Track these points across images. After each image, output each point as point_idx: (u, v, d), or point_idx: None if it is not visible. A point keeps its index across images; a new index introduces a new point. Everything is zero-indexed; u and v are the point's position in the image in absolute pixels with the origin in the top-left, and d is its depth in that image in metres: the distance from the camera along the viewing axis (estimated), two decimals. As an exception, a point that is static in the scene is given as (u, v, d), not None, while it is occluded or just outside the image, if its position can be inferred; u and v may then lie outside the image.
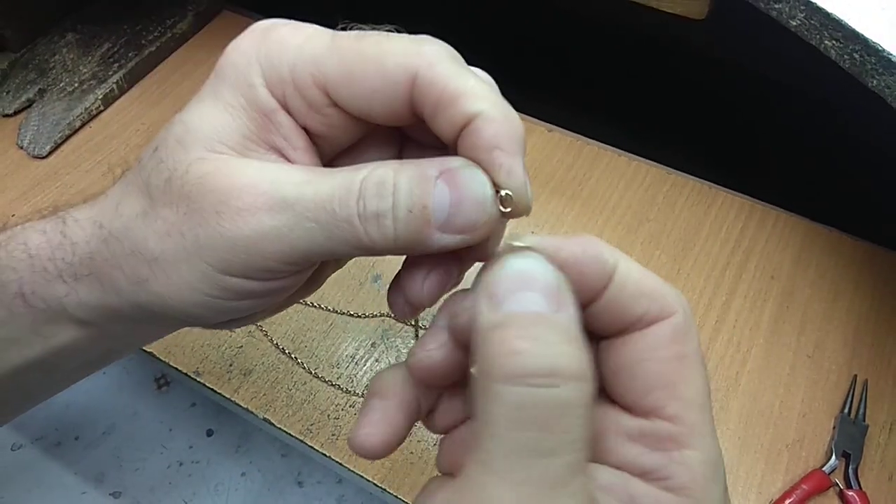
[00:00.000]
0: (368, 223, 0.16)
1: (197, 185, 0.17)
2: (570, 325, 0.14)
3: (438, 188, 0.16)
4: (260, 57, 0.17)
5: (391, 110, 0.17)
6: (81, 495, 0.52)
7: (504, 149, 0.16)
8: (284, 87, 0.17)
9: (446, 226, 0.16)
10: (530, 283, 0.15)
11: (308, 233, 0.16)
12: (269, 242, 0.16)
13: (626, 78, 0.61)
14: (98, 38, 0.57)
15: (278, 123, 0.18)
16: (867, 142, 0.49)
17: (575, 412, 0.13)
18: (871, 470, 0.37)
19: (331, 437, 0.38)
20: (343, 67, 0.17)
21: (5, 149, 0.51)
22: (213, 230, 0.16)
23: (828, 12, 0.33)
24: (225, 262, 0.17)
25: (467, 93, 0.16)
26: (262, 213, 0.16)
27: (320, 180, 0.16)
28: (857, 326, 0.42)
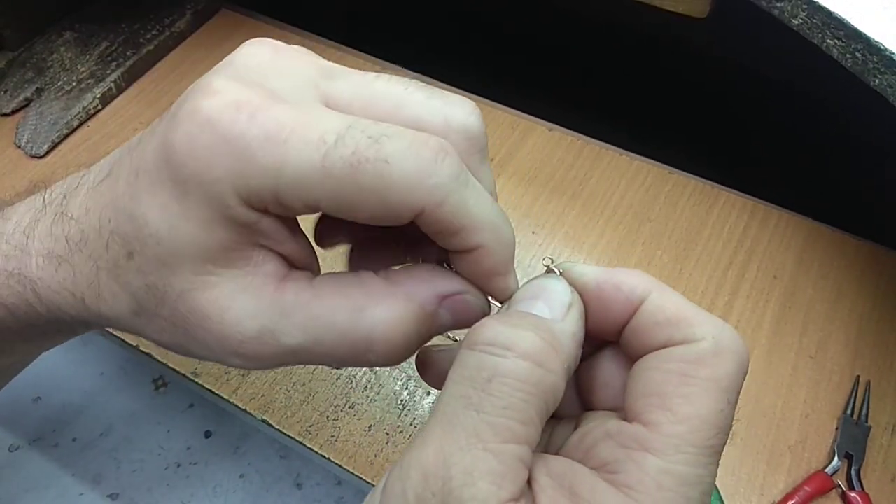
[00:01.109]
0: (380, 364, 0.18)
1: (194, 319, 0.17)
2: (558, 332, 0.16)
3: (442, 317, 0.18)
4: (231, 178, 0.15)
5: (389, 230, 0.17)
6: (79, 496, 0.52)
7: (501, 273, 0.17)
8: (266, 204, 0.16)
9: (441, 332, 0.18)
10: (541, 294, 0.17)
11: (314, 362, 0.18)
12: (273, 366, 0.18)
13: (627, 77, 0.61)
14: (96, 36, 0.57)
15: (262, 231, 0.16)
16: (869, 141, 0.48)
17: (514, 384, 0.15)
18: (873, 471, 0.36)
19: (330, 438, 0.38)
20: (338, 198, 0.15)
21: (2, 148, 0.51)
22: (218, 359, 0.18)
23: (830, 11, 0.33)
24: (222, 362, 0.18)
25: (469, 227, 0.16)
26: (268, 360, 0.17)
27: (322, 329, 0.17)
28: (859, 327, 0.42)
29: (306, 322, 0.17)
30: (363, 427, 0.38)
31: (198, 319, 0.17)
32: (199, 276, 0.16)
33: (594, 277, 0.17)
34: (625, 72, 0.61)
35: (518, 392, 0.15)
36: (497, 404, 0.15)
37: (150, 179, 0.16)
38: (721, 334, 0.16)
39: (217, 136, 0.15)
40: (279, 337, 0.17)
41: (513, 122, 0.51)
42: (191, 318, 0.17)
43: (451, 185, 0.16)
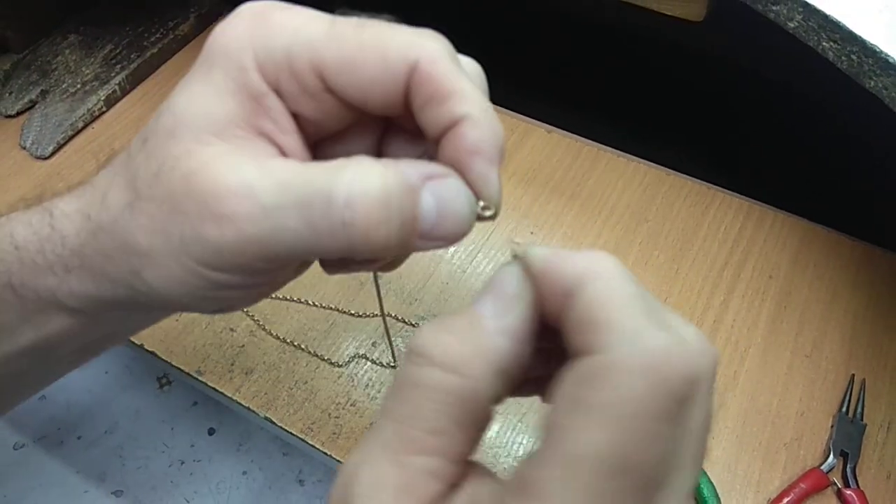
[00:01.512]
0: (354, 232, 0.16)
1: (181, 183, 0.16)
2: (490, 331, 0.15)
3: (425, 200, 0.16)
4: (253, 40, 0.17)
5: (386, 99, 0.17)
6: (83, 494, 0.52)
7: (484, 155, 0.17)
8: (278, 71, 0.17)
9: (427, 235, 0.17)
10: (492, 286, 0.16)
11: (289, 239, 0.16)
12: (251, 247, 0.16)
13: (625, 79, 0.62)
14: (100, 39, 0.58)
15: (268, 108, 0.17)
16: (865, 142, 0.49)
17: (425, 394, 0.14)
18: (868, 469, 0.37)
19: (332, 435, 0.38)
20: (343, 54, 0.16)
21: (8, 150, 0.52)
22: (196, 233, 0.16)
23: (826, 14, 0.34)
24: (210, 263, 0.17)
25: (459, 94, 0.16)
26: (243, 222, 0.16)
27: (300, 184, 0.16)
28: (854, 326, 0.42)
29: (285, 178, 0.16)
30: (364, 424, 0.39)
31: (184, 182, 0.16)
32: (199, 143, 0.17)
33: (542, 260, 0.15)
34: (623, 74, 0.62)
35: (428, 401, 0.14)
36: (406, 413, 0.14)
37: (191, 72, 0.18)
38: (630, 347, 0.13)
39: (247, 13, 0.17)
40: (256, 192, 0.16)
41: (512, 124, 0.51)
42: (178, 185, 0.16)
43: (444, 49, 0.17)
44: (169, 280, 0.17)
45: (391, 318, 0.42)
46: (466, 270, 0.45)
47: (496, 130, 0.17)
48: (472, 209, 0.17)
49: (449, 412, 0.14)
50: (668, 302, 0.43)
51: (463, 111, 0.16)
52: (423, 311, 0.43)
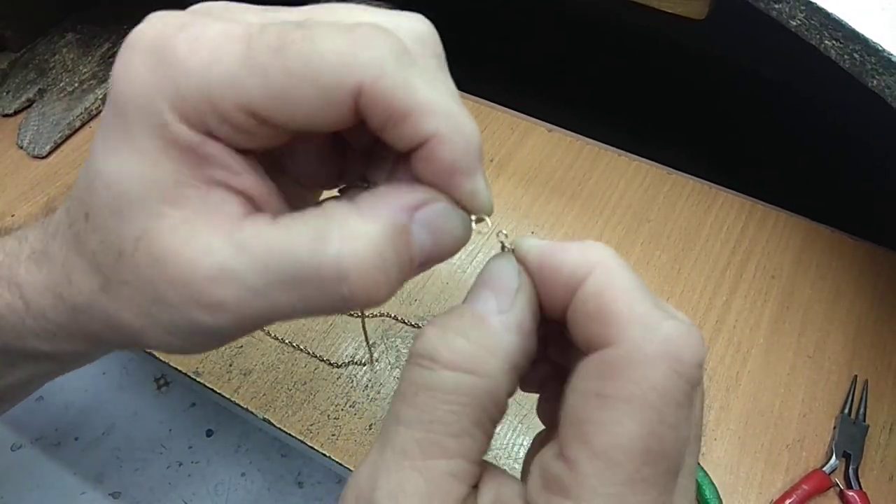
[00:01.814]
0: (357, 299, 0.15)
1: (154, 272, 0.15)
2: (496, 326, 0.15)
3: (418, 235, 0.15)
4: (162, 88, 0.14)
5: (334, 124, 0.15)
6: (81, 495, 0.52)
7: (464, 171, 0.15)
8: (202, 115, 0.15)
9: (425, 263, 0.16)
10: (489, 281, 0.16)
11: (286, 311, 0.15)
12: (249, 323, 0.16)
13: (626, 78, 0.61)
14: (98, 37, 0.57)
15: (209, 156, 0.15)
16: (867, 141, 0.49)
17: (441, 397, 0.14)
18: (871, 470, 0.37)
19: (331, 437, 0.38)
20: (270, 90, 0.14)
21: (5, 149, 0.51)
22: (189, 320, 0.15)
23: (828, 12, 0.33)
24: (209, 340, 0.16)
25: (417, 110, 0.14)
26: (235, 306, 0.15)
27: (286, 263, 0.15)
28: (857, 327, 0.42)
29: (265, 257, 0.15)
30: (364, 426, 0.38)
31: (157, 269, 0.15)
32: (152, 219, 0.15)
33: (538, 254, 0.15)
34: (624, 73, 0.61)
35: (445, 405, 0.14)
36: (423, 419, 0.14)
37: (102, 127, 0.16)
38: (646, 336, 0.13)
39: (146, 52, 0.15)
40: (239, 276, 0.15)
41: (512, 123, 0.51)
42: (150, 271, 0.15)
43: (389, 59, 0.14)
44: (168, 346, 0.17)
45: (391, 319, 0.42)
46: (466, 270, 0.44)
47: (469, 136, 0.15)
48: (467, 226, 0.16)
49: (468, 413, 0.14)
50: (671, 302, 0.43)
51: (427, 130, 0.14)
52: (422, 312, 0.43)
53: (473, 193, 0.16)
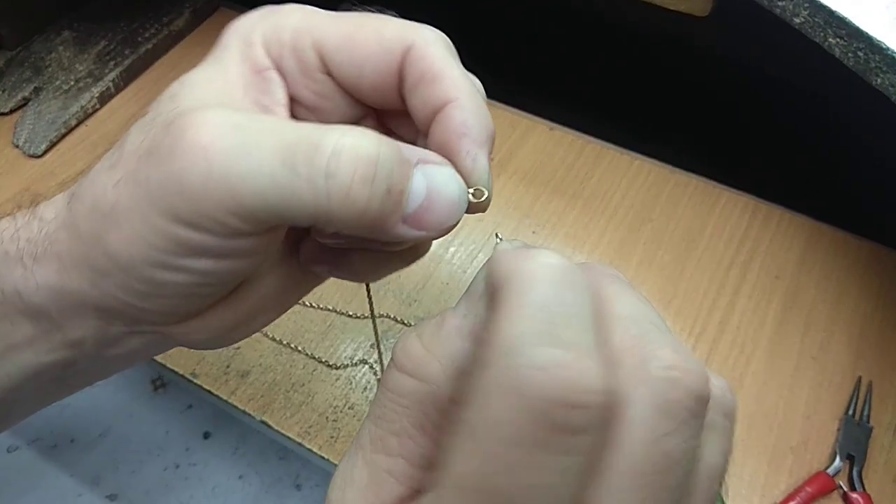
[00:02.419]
0: (335, 188, 0.15)
1: (164, 124, 0.16)
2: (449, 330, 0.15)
3: (416, 178, 0.16)
4: (263, 21, 0.18)
5: (380, 81, 0.18)
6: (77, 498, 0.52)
7: (473, 137, 0.17)
8: (282, 48, 0.18)
9: (412, 218, 0.16)
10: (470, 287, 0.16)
11: (261, 187, 0.15)
12: (218, 189, 0.15)
13: (628, 76, 0.61)
14: (94, 35, 0.57)
15: (269, 80, 0.18)
16: (871, 140, 0.48)
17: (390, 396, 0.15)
18: (875, 472, 0.36)
19: (329, 439, 0.38)
20: (343, 32, 0.18)
21: (0, 148, 0.51)
22: (165, 171, 0.15)
23: (831, 10, 0.33)
24: (173, 208, 0.15)
25: (450, 77, 0.17)
26: (215, 154, 0.14)
27: (286, 128, 0.15)
28: (861, 327, 0.42)
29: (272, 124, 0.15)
30: (363, 428, 0.38)
31: (167, 123, 0.15)
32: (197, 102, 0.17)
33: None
34: (626, 71, 0.61)
35: (390, 403, 0.15)
36: (377, 414, 0.15)
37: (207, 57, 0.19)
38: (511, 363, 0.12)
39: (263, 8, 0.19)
40: (239, 128, 0.15)
41: (513, 122, 0.51)
42: (160, 129, 0.16)
43: (438, 38, 0.18)
44: (129, 243, 0.16)
45: (390, 320, 0.42)
46: (467, 271, 0.44)
47: (484, 115, 0.17)
48: (463, 196, 0.17)
49: (408, 415, 0.14)
50: (673, 303, 0.43)
51: (451, 94, 0.17)
52: (422, 313, 0.42)
53: (475, 160, 0.17)
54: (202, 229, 0.15)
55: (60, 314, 0.18)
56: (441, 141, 0.17)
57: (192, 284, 0.17)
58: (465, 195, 0.17)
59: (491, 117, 0.18)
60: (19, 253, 0.18)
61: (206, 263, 0.16)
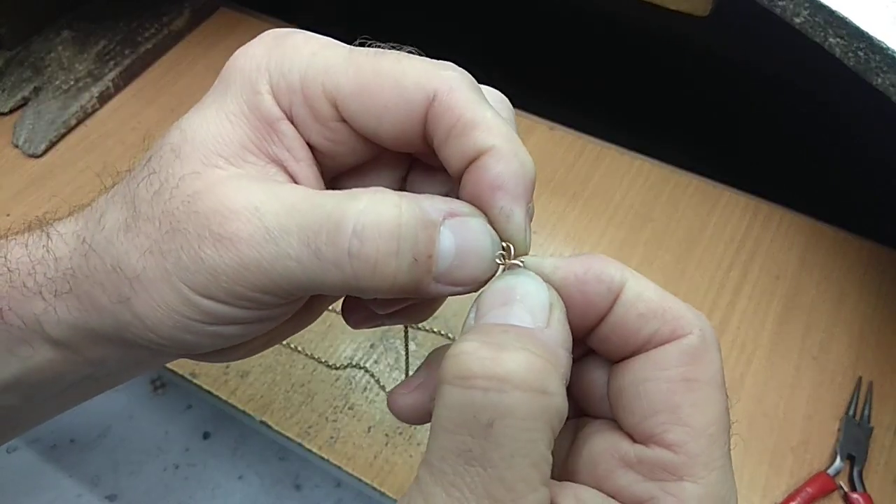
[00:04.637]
0: (360, 267, 0.15)
1: (184, 203, 0.16)
2: (548, 340, 0.14)
3: (444, 237, 0.15)
4: (269, 63, 0.17)
5: (401, 131, 0.16)
6: (77, 498, 0.52)
7: (508, 190, 0.16)
8: (292, 95, 0.17)
9: (444, 277, 0.15)
10: (514, 298, 0.15)
11: (290, 270, 0.15)
12: (249, 274, 0.15)
13: (628, 76, 0.61)
14: (94, 35, 0.57)
15: (281, 133, 0.17)
16: (872, 139, 0.48)
17: (521, 424, 0.13)
18: (875, 472, 0.36)
19: (329, 439, 0.37)
20: (358, 80, 0.16)
21: (0, 147, 0.51)
22: (194, 254, 0.15)
23: (832, 10, 0.33)
24: (205, 288, 0.16)
25: (483, 125, 0.16)
26: (244, 244, 0.15)
27: (308, 209, 0.15)
28: (862, 328, 0.42)
29: (293, 203, 0.15)
30: (362, 428, 0.38)
31: (187, 200, 0.16)
32: (206, 165, 0.16)
33: (574, 270, 0.15)
34: (626, 71, 0.61)
35: (525, 432, 0.13)
36: (505, 453, 0.13)
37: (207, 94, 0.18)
38: (702, 324, 0.15)
39: (268, 38, 0.17)
40: (262, 215, 0.15)
41: (513, 122, 0.51)
42: (180, 204, 0.16)
43: (463, 79, 0.16)
44: (158, 309, 0.16)
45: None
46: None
47: (524, 163, 0.16)
48: (495, 249, 0.16)
49: (546, 438, 0.13)
50: (673, 303, 0.42)
51: (487, 143, 0.15)
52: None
53: (510, 216, 0.16)
54: (229, 304, 0.16)
55: (82, 344, 0.18)
56: (474, 193, 0.16)
57: (217, 344, 0.17)
58: (496, 248, 0.16)
59: (531, 162, 0.16)
60: (38, 287, 0.18)
61: (233, 329, 0.17)
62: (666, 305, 0.15)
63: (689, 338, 0.15)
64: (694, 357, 0.14)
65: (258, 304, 0.16)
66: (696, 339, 0.15)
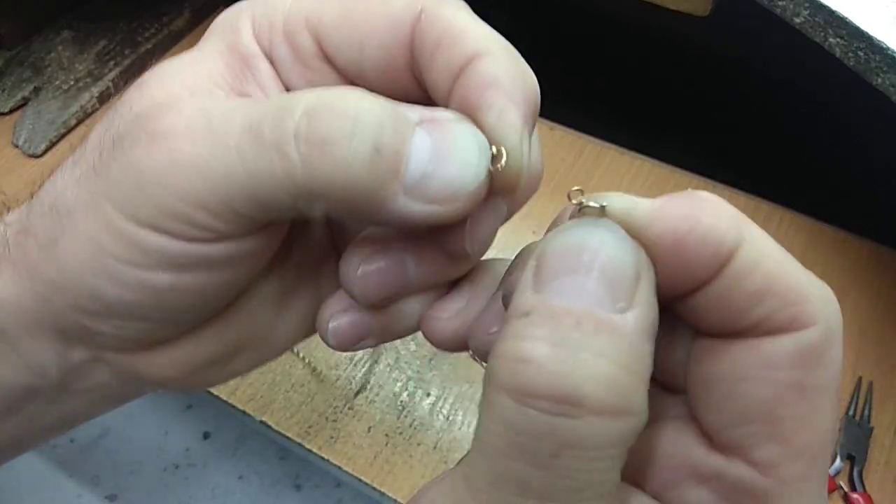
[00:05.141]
0: (308, 151, 0.12)
1: (130, 117, 0.14)
2: (631, 334, 0.11)
3: (418, 137, 0.12)
4: (254, 6, 0.16)
5: (387, 60, 0.14)
6: (76, 498, 0.52)
7: (502, 89, 0.13)
8: (273, 34, 0.15)
9: (417, 188, 0.12)
10: (591, 265, 0.11)
11: (227, 166, 0.12)
12: (180, 175, 0.13)
13: (628, 75, 0.61)
14: (94, 35, 0.57)
15: (256, 69, 0.15)
16: (872, 140, 0.48)
17: (593, 454, 0.10)
18: (875, 472, 0.36)
19: (329, 439, 0.37)
20: (343, 7, 0.15)
21: (0, 147, 0.51)
22: (123, 160, 0.13)
23: (832, 10, 0.33)
24: (130, 203, 0.13)
25: (474, 32, 0.14)
26: (178, 138, 0.13)
27: (260, 103, 0.13)
28: (862, 328, 0.41)
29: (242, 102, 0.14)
30: (362, 428, 0.38)
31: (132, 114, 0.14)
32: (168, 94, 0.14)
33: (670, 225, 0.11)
34: (626, 70, 0.61)
35: (597, 462, 0.10)
36: (571, 487, 0.10)
37: None
38: (831, 310, 0.11)
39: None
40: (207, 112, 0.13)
41: (513, 122, 0.51)
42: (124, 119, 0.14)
43: None
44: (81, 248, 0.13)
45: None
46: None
47: (521, 68, 0.14)
48: (483, 156, 0.12)
49: (619, 465, 0.11)
50: (672, 303, 0.42)
51: (479, 46, 0.13)
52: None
53: (502, 113, 0.13)
54: (163, 231, 0.13)
55: (17, 332, 0.15)
56: (461, 99, 0.13)
57: (150, 307, 0.14)
58: (484, 155, 0.12)
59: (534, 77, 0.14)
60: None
61: (163, 278, 0.14)
62: (789, 282, 0.11)
63: (812, 331, 0.11)
64: (813, 358, 0.11)
65: (192, 229, 0.13)
66: (819, 333, 0.11)
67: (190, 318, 0.15)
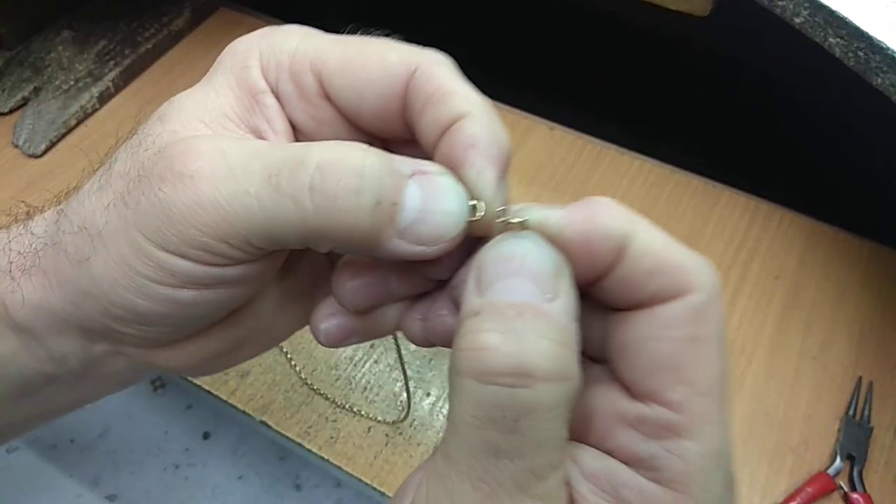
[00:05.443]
0: (321, 202, 0.14)
1: (156, 153, 0.16)
2: (560, 316, 0.14)
3: (411, 190, 0.15)
4: (262, 43, 0.18)
5: (382, 107, 0.17)
6: (77, 498, 0.52)
7: (480, 149, 0.15)
8: (280, 71, 0.17)
9: (408, 232, 0.15)
10: (520, 269, 0.14)
11: (248, 209, 0.15)
12: (205, 214, 0.15)
13: (628, 75, 0.61)
14: (94, 35, 0.57)
15: (264, 105, 0.17)
16: (872, 140, 0.48)
17: (546, 415, 0.13)
18: (875, 472, 0.36)
19: (329, 439, 0.37)
20: (345, 55, 0.17)
21: (0, 147, 0.51)
22: (153, 196, 0.15)
23: (832, 10, 0.33)
24: (159, 234, 0.15)
25: (461, 93, 0.16)
26: (203, 182, 0.15)
27: (274, 149, 0.15)
28: (862, 327, 0.42)
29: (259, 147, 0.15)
30: (362, 428, 0.38)
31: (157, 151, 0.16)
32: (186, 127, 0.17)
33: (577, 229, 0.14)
34: (626, 70, 0.61)
35: (550, 421, 0.13)
36: (532, 444, 0.13)
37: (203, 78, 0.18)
38: (709, 278, 0.14)
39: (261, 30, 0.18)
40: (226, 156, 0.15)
41: (513, 122, 0.51)
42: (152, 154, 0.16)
43: (445, 58, 0.17)
44: (114, 267, 0.15)
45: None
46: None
47: (499, 132, 0.16)
48: (463, 207, 0.15)
49: (566, 423, 0.14)
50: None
51: (462, 108, 0.16)
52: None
53: (481, 172, 0.15)
54: (188, 258, 0.15)
55: (44, 330, 0.17)
56: (446, 154, 0.16)
57: (175, 316, 0.16)
58: (465, 206, 0.15)
59: (507, 136, 0.16)
60: (9, 265, 0.17)
61: (188, 294, 0.16)
62: (673, 259, 0.14)
63: (696, 294, 0.14)
64: (700, 314, 0.14)
65: (214, 257, 0.15)
66: (703, 295, 0.14)
67: (205, 323, 0.18)
